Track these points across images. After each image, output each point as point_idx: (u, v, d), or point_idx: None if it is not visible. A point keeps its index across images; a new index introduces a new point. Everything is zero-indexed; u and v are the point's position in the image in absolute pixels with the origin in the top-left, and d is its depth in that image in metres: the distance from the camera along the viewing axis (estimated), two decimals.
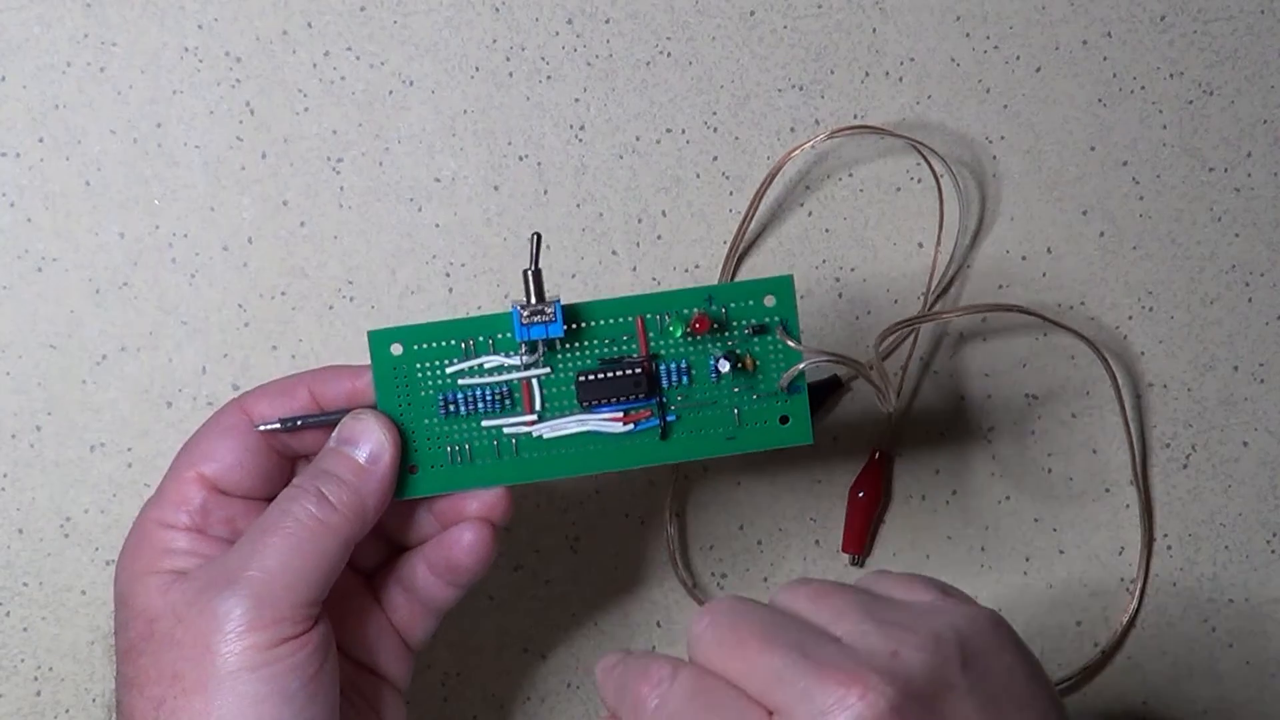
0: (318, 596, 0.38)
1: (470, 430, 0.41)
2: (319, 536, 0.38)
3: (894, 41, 0.52)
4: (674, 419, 0.42)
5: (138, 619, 0.38)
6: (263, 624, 0.37)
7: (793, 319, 0.42)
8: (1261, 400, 0.54)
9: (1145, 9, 0.54)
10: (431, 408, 0.41)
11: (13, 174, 0.48)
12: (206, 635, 0.37)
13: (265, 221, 0.50)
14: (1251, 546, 0.55)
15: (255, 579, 0.37)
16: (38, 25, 0.49)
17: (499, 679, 0.51)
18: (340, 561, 0.39)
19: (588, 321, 0.41)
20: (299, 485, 0.39)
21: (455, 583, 0.42)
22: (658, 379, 0.41)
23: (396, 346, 0.41)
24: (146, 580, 0.39)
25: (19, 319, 0.48)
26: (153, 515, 0.40)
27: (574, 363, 0.41)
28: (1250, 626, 0.55)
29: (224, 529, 0.40)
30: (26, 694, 0.49)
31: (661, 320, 0.41)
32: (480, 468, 0.41)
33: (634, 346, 0.41)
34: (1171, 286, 0.54)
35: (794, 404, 0.42)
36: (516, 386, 0.41)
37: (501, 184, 0.51)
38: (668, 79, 0.51)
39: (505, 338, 0.41)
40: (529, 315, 0.40)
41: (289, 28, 0.50)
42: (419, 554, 0.43)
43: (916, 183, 0.52)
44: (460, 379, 0.41)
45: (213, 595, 0.37)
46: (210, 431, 0.41)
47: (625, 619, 0.52)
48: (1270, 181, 0.54)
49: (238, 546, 0.39)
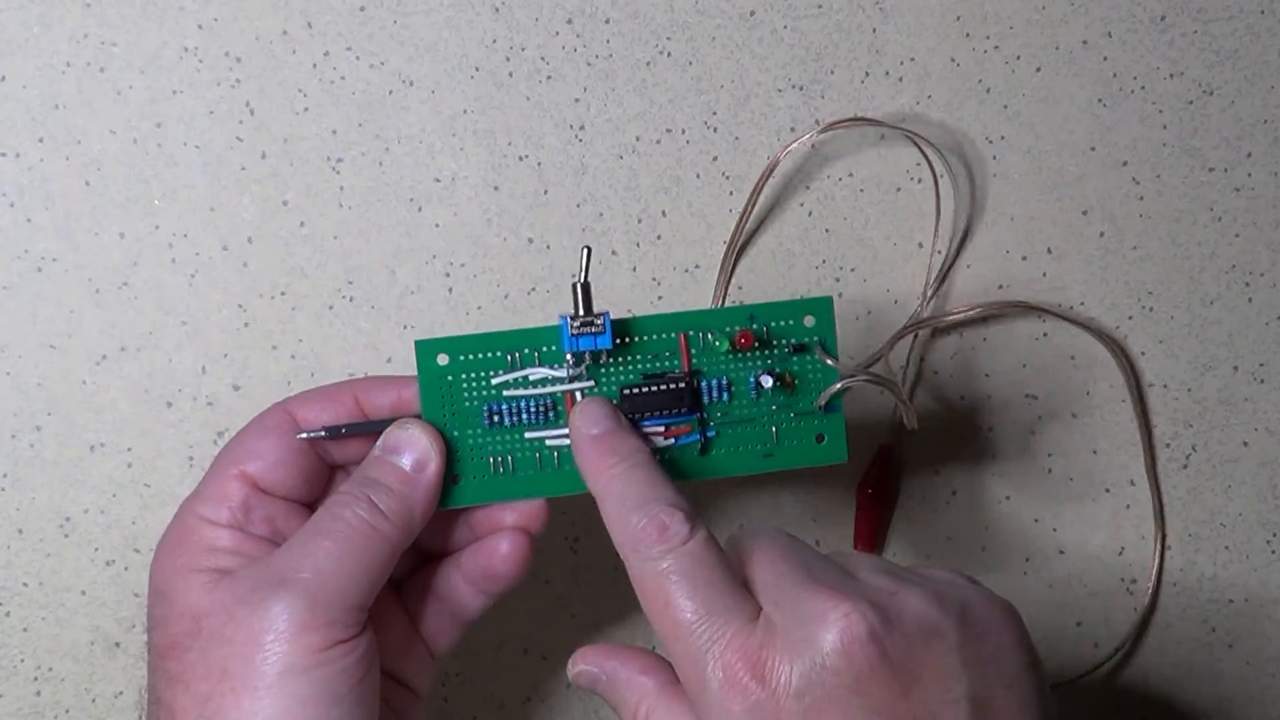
0: (367, 601, 0.38)
1: (513, 442, 0.41)
2: (370, 542, 0.38)
3: (894, 41, 0.52)
4: (714, 434, 0.42)
5: (182, 616, 0.38)
6: (315, 625, 0.37)
7: (831, 338, 0.42)
8: (1261, 400, 0.54)
9: (1145, 9, 0.54)
10: (475, 418, 0.41)
11: (13, 174, 0.48)
12: (258, 634, 0.37)
13: (265, 221, 0.50)
14: (1251, 546, 0.55)
15: (308, 580, 0.37)
16: (38, 25, 0.49)
17: (499, 679, 0.51)
18: (388, 568, 0.39)
19: (633, 336, 0.42)
20: (348, 491, 0.39)
21: (489, 591, 0.42)
22: (699, 394, 0.42)
23: (443, 357, 0.41)
24: (189, 577, 0.38)
25: (19, 319, 0.48)
26: (194, 509, 0.40)
27: (617, 377, 0.42)
28: (1250, 626, 0.55)
29: (264, 528, 0.40)
30: (26, 694, 0.49)
31: (703, 337, 0.42)
32: (522, 479, 0.42)
33: (676, 362, 0.42)
34: (1171, 286, 0.54)
35: (830, 422, 0.43)
36: (560, 399, 0.41)
37: (501, 184, 0.51)
38: (668, 79, 0.51)
39: (551, 350, 0.41)
40: (579, 327, 0.40)
41: (289, 28, 0.50)
42: (453, 563, 0.43)
43: (916, 182, 0.52)
44: (505, 390, 0.41)
45: (266, 594, 0.37)
46: (254, 430, 0.41)
47: (625, 619, 0.52)
48: (1270, 181, 0.54)
49: (287, 548, 0.39)
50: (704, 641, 0.35)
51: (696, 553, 0.37)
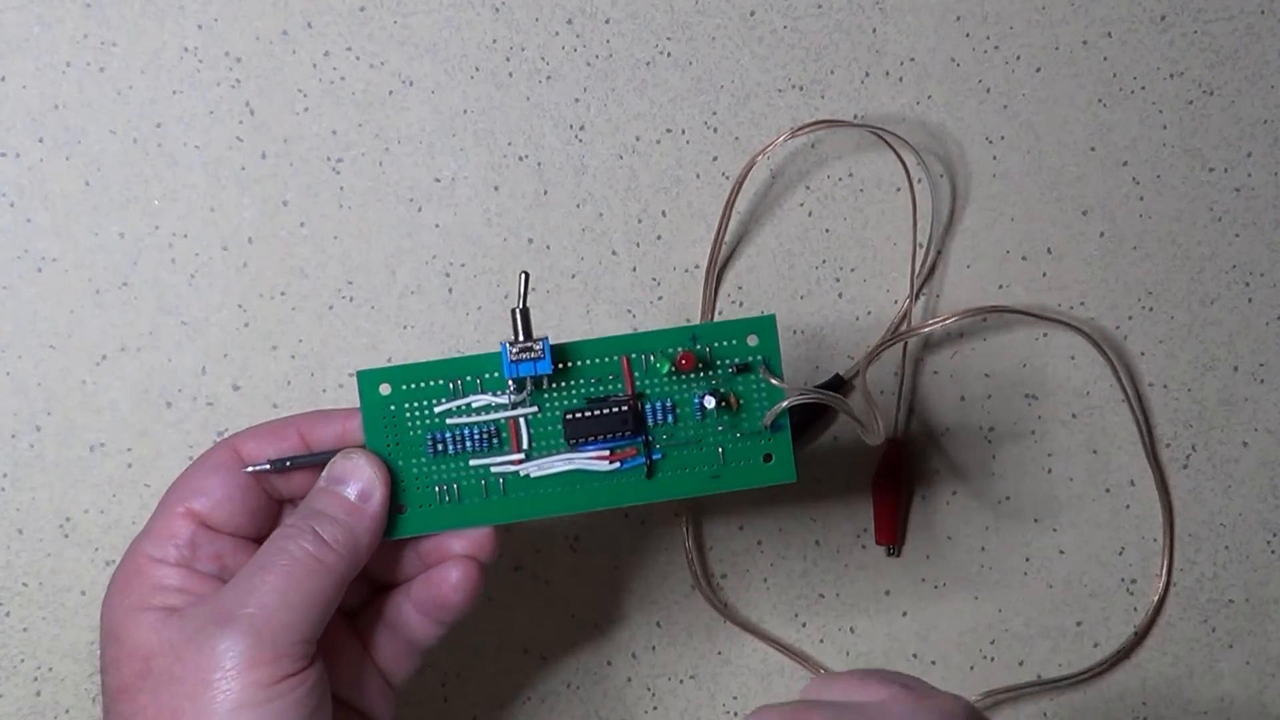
0: (315, 634, 0.38)
1: (458, 470, 0.41)
2: (315, 574, 0.38)
3: (894, 41, 0.52)
4: (659, 457, 0.42)
5: (132, 657, 0.38)
6: (263, 661, 0.37)
7: (775, 358, 0.42)
8: (1261, 400, 0.54)
9: (1145, 9, 0.54)
10: (420, 447, 0.41)
11: (13, 174, 0.48)
12: (206, 673, 0.37)
13: (265, 221, 0.50)
14: (1251, 546, 0.55)
15: (254, 616, 0.37)
16: (38, 25, 0.49)
17: (499, 679, 0.51)
18: (335, 599, 0.39)
19: (574, 361, 0.42)
20: (293, 524, 0.39)
21: (441, 620, 0.42)
22: (643, 417, 0.42)
23: (385, 386, 0.41)
24: (139, 617, 0.38)
25: (19, 319, 0.48)
26: (142, 549, 0.40)
27: (560, 402, 0.42)
28: (1250, 626, 0.55)
29: (212, 565, 0.40)
30: (26, 694, 0.49)
31: (646, 359, 0.42)
32: (468, 507, 0.42)
33: (619, 386, 0.42)
34: (1171, 286, 0.54)
35: (777, 442, 0.43)
36: (504, 426, 0.41)
37: (501, 184, 0.51)
38: (668, 79, 0.51)
39: (493, 377, 0.41)
40: (517, 353, 0.40)
41: (289, 28, 0.50)
42: (404, 592, 0.43)
43: (917, 183, 0.52)
44: (449, 418, 0.41)
45: (212, 632, 0.37)
46: (200, 468, 0.41)
47: (625, 619, 0.52)
48: (1270, 181, 0.54)
49: (233, 584, 0.39)
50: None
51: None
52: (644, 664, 0.52)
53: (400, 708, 0.46)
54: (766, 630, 0.52)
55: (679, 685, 0.52)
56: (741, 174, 0.51)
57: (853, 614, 0.53)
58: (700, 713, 0.52)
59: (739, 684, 0.52)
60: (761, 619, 0.52)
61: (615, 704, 0.52)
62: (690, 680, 0.52)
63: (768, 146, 0.51)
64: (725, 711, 0.52)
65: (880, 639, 0.53)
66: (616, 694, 0.52)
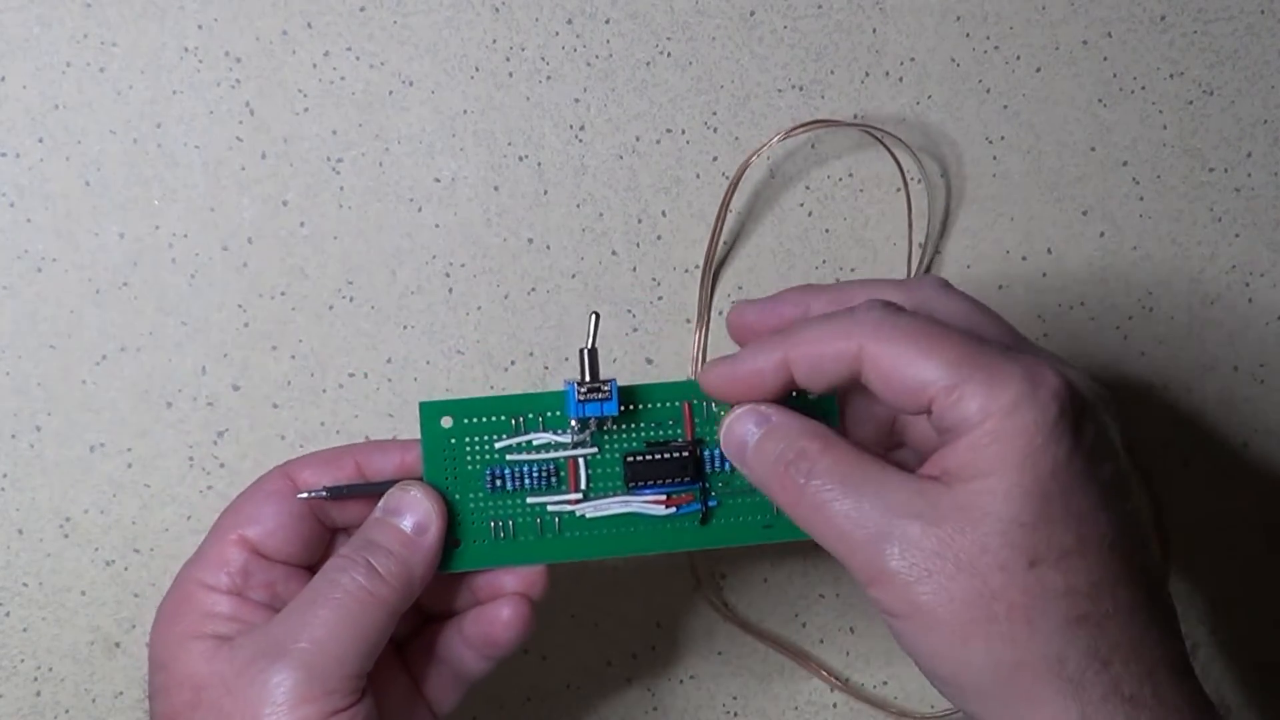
0: (365, 668, 0.38)
1: (515, 506, 0.41)
2: (368, 608, 0.38)
3: (894, 41, 0.52)
4: (715, 504, 0.42)
5: (182, 686, 0.38)
6: (313, 696, 0.36)
7: (833, 409, 0.42)
8: (1261, 400, 0.54)
9: (1145, 9, 0.54)
10: (478, 482, 0.41)
11: (13, 174, 0.48)
12: (256, 706, 0.36)
13: (265, 221, 0.50)
14: (1251, 546, 0.55)
15: (305, 651, 0.37)
16: (38, 25, 0.49)
17: (499, 679, 0.51)
18: (387, 632, 0.39)
19: (637, 404, 0.41)
20: (347, 555, 0.39)
21: (489, 656, 0.42)
22: (702, 464, 0.42)
23: (447, 420, 0.41)
24: (189, 645, 0.38)
25: (19, 319, 0.48)
26: (194, 575, 0.40)
27: (621, 444, 0.41)
28: (1250, 626, 0.55)
29: (264, 593, 0.40)
30: (26, 694, 0.49)
31: (707, 406, 0.42)
32: (522, 544, 0.41)
33: (680, 431, 0.42)
34: (1171, 286, 0.54)
35: None
36: (563, 465, 0.41)
37: (501, 184, 0.51)
38: (668, 79, 0.51)
39: (556, 415, 0.41)
40: (585, 393, 0.40)
41: (289, 28, 0.50)
42: (454, 626, 0.43)
43: (915, 182, 0.52)
44: (509, 455, 0.41)
45: (263, 666, 0.37)
46: (254, 495, 0.41)
47: (625, 619, 0.52)
48: (1270, 181, 0.54)
49: (284, 616, 0.38)
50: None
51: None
52: (644, 664, 0.52)
53: None
54: (766, 630, 0.52)
55: (679, 685, 0.52)
56: (736, 175, 0.51)
57: (853, 614, 0.53)
58: (700, 713, 0.52)
59: (739, 684, 0.52)
60: (761, 619, 0.52)
61: (615, 704, 0.52)
62: (690, 680, 0.52)
63: (761, 148, 0.51)
64: (725, 711, 0.52)
65: (880, 639, 0.53)
66: (616, 694, 0.52)
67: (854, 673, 0.53)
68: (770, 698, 0.52)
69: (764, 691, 0.52)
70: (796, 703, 0.53)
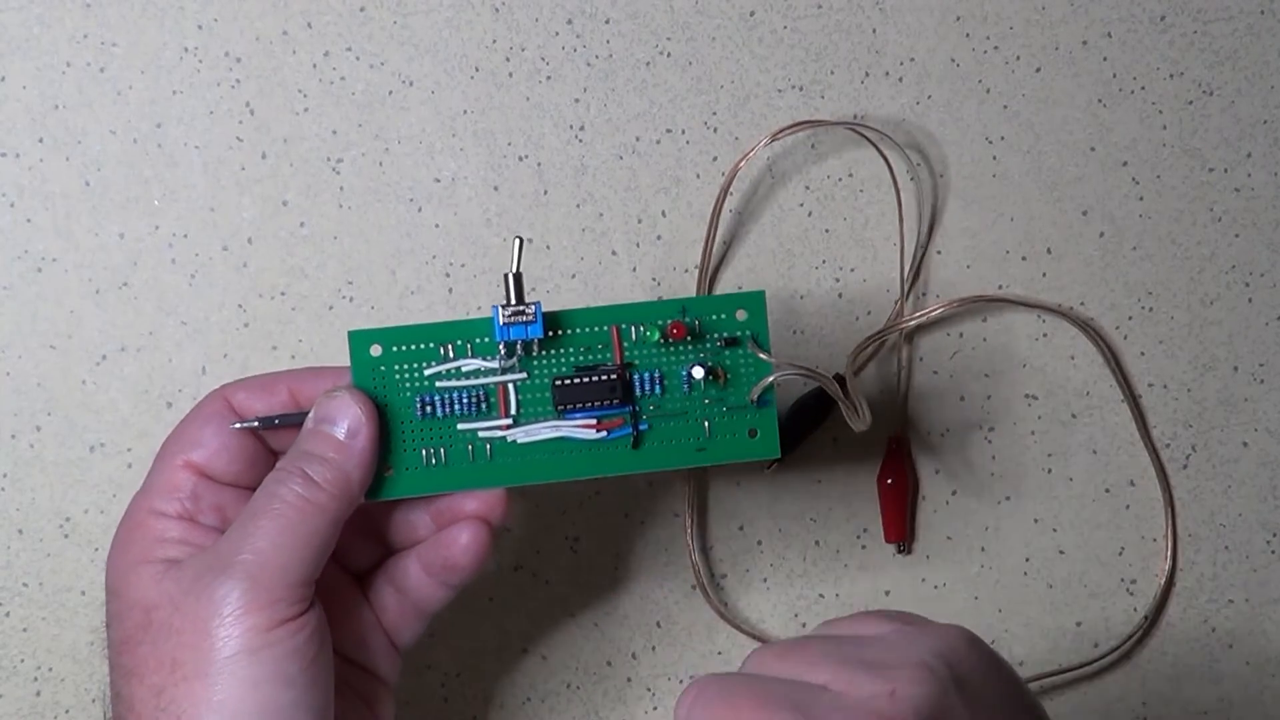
0: (310, 576, 0.38)
1: (446, 433, 0.42)
2: (308, 516, 0.39)
3: (894, 41, 0.52)
4: (646, 428, 0.42)
5: (133, 609, 0.38)
6: (259, 605, 0.37)
7: (764, 332, 0.42)
8: (1261, 400, 0.54)
9: (1145, 9, 0.54)
10: (408, 410, 0.41)
11: (13, 174, 0.48)
12: (204, 621, 0.37)
13: (265, 221, 0.50)
14: (1251, 546, 0.55)
15: (249, 562, 0.37)
16: (38, 25, 0.49)
17: (499, 679, 0.51)
18: (330, 540, 0.39)
19: (565, 329, 0.42)
20: (283, 468, 0.40)
21: (448, 583, 0.43)
22: (631, 387, 0.42)
23: (376, 347, 0.41)
24: (140, 570, 0.39)
25: (19, 319, 0.48)
26: (144, 504, 0.40)
27: (550, 369, 0.42)
28: (1250, 626, 0.55)
29: (214, 517, 0.40)
30: (26, 694, 0.49)
31: (637, 330, 0.42)
32: (455, 471, 0.42)
33: (609, 355, 0.42)
34: (1171, 286, 0.54)
35: (763, 417, 0.43)
36: (493, 391, 0.42)
37: (501, 184, 0.51)
38: (668, 79, 0.51)
39: (484, 342, 0.42)
40: (510, 315, 0.40)
41: (289, 28, 0.50)
42: (413, 554, 0.43)
43: (910, 180, 0.52)
44: (438, 381, 0.41)
45: (209, 581, 0.37)
46: (194, 419, 0.41)
47: (625, 619, 0.52)
48: (1270, 181, 0.54)
49: (229, 533, 0.39)
50: None
51: None
52: (644, 664, 0.52)
53: (400, 708, 0.46)
54: (766, 630, 0.52)
55: (679, 685, 0.52)
56: (728, 178, 0.51)
57: None
58: None
59: None
60: (761, 619, 0.52)
61: (615, 704, 0.52)
62: (690, 680, 0.52)
63: (750, 151, 0.51)
64: None
65: None
66: (616, 694, 0.52)
67: None
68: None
69: None
70: None
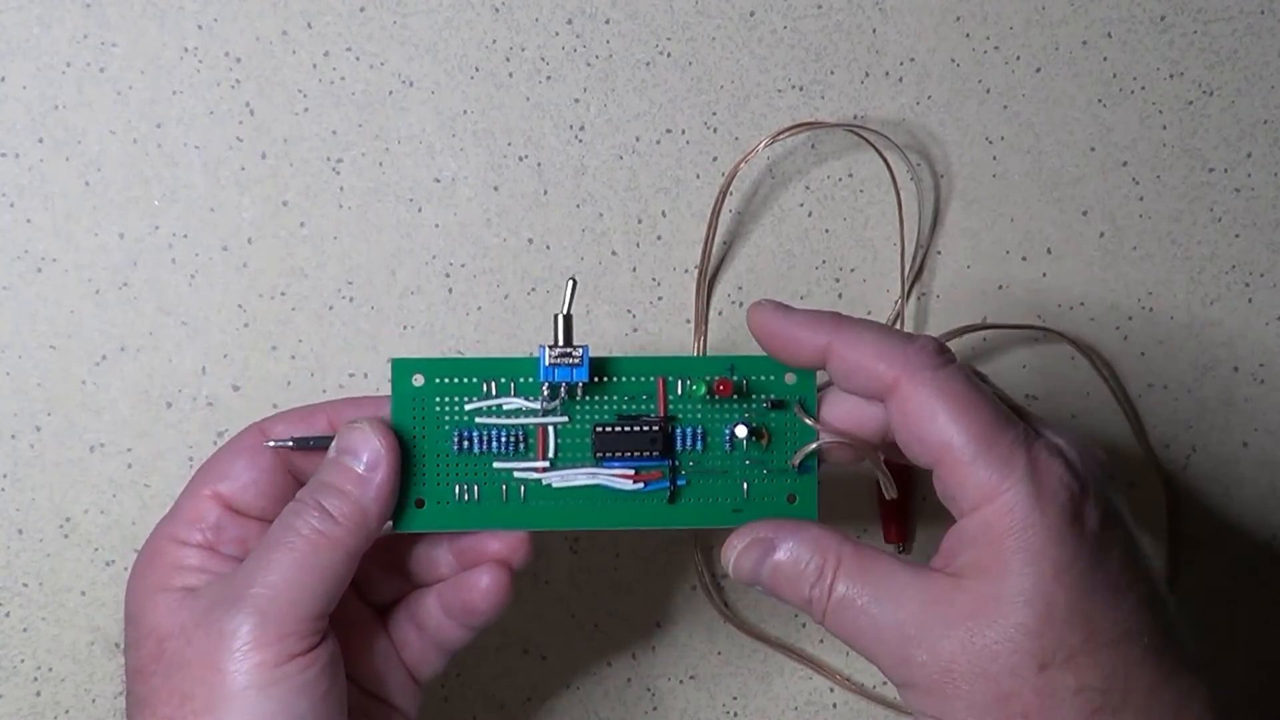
0: (323, 610, 0.38)
1: (481, 470, 0.41)
2: (321, 550, 0.38)
3: (894, 41, 0.52)
4: (684, 483, 0.41)
5: (148, 638, 0.38)
6: (268, 640, 0.36)
7: (812, 398, 0.41)
8: (1261, 400, 0.54)
9: (1145, 9, 0.54)
10: (445, 443, 0.41)
11: (13, 174, 0.48)
12: (214, 655, 0.36)
13: (265, 221, 0.50)
14: (1251, 547, 0.55)
15: (260, 595, 0.37)
16: (38, 25, 0.49)
17: (499, 679, 0.51)
18: (346, 574, 0.39)
19: (611, 376, 0.41)
20: (300, 500, 0.39)
21: (467, 624, 0.42)
22: (673, 441, 0.41)
23: (418, 377, 0.41)
24: (156, 598, 0.38)
25: (19, 319, 0.48)
26: (166, 531, 0.40)
27: (592, 414, 0.41)
28: (1250, 627, 0.54)
29: (236, 548, 0.40)
30: (26, 694, 0.49)
31: (683, 383, 0.41)
32: (486, 509, 0.41)
33: (653, 406, 0.41)
34: (1171, 286, 0.54)
35: (803, 483, 0.42)
36: (532, 431, 0.41)
37: (501, 184, 0.51)
38: (668, 79, 0.51)
39: (528, 382, 0.41)
40: (556, 357, 0.40)
41: (289, 28, 0.50)
42: (433, 593, 0.43)
43: (910, 180, 0.53)
44: (478, 417, 0.41)
45: (219, 614, 0.37)
46: (227, 451, 0.41)
47: (625, 619, 0.52)
48: (1270, 181, 0.54)
49: (244, 564, 0.38)
50: (1013, 436, 0.36)
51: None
52: (644, 664, 0.52)
53: None
54: (766, 630, 0.52)
55: (679, 685, 0.52)
56: (727, 180, 0.51)
57: None
58: (700, 713, 0.52)
59: (739, 684, 0.52)
60: (761, 619, 0.52)
61: (615, 704, 0.52)
62: (690, 680, 0.52)
63: (749, 153, 0.51)
64: (725, 712, 0.52)
65: None
66: (616, 694, 0.52)
67: (854, 673, 0.53)
68: (770, 698, 0.52)
69: (764, 691, 0.52)
70: (796, 703, 0.53)
